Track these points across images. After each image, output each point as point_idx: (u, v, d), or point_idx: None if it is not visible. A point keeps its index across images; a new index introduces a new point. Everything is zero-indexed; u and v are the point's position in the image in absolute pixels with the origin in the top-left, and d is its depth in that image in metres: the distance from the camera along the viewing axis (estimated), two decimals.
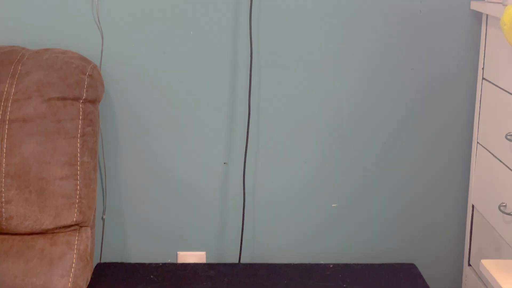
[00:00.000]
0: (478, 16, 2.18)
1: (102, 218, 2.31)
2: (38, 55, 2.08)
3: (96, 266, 2.22)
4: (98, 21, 2.18)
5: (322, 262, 2.30)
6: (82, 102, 2.05)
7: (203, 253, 2.36)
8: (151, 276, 2.16)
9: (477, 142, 2.20)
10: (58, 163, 2.00)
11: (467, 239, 2.28)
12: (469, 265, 2.27)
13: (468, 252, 2.27)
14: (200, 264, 2.27)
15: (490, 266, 1.64)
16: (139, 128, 2.27)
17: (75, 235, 2.02)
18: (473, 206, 2.24)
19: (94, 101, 2.09)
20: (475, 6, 2.15)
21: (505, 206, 1.96)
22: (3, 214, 1.96)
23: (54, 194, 1.98)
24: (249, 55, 2.21)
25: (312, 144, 2.29)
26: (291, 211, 2.34)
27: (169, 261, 2.34)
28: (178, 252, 2.35)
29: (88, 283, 2.07)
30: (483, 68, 2.16)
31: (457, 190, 2.32)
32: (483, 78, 2.16)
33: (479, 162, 2.19)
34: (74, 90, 2.03)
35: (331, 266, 2.25)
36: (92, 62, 2.12)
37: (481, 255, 2.15)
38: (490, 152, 2.09)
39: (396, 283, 2.15)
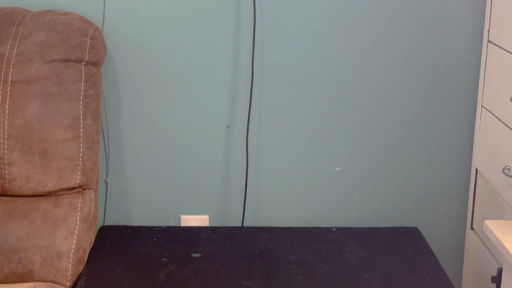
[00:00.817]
0: None
1: (105, 182, 2.31)
2: (39, 17, 2.06)
3: (99, 229, 2.23)
4: None
5: (325, 225, 2.31)
6: (84, 64, 2.03)
7: (206, 216, 2.36)
8: (154, 239, 2.17)
9: (482, 106, 2.19)
10: (61, 126, 1.99)
11: (470, 203, 2.28)
12: (472, 229, 2.27)
13: (471, 216, 2.28)
14: (203, 227, 2.27)
15: (494, 227, 1.64)
16: (142, 92, 2.26)
17: (78, 197, 2.02)
18: (476, 170, 2.23)
19: (96, 64, 2.08)
20: None
21: (509, 169, 1.95)
22: (6, 176, 1.96)
23: (57, 156, 1.98)
24: (253, 18, 2.19)
25: (316, 108, 2.28)
26: (294, 175, 2.33)
27: (172, 224, 2.35)
28: (181, 216, 2.36)
29: (91, 245, 2.08)
30: (488, 31, 2.14)
31: (461, 154, 2.32)
32: (488, 41, 2.14)
33: (483, 126, 2.18)
34: (76, 52, 2.02)
35: (334, 229, 2.26)
36: (94, 24, 2.11)
37: (484, 219, 2.15)
38: (494, 115, 2.08)
39: (398, 247, 2.15)
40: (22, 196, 1.99)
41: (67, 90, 2.00)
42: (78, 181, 2.01)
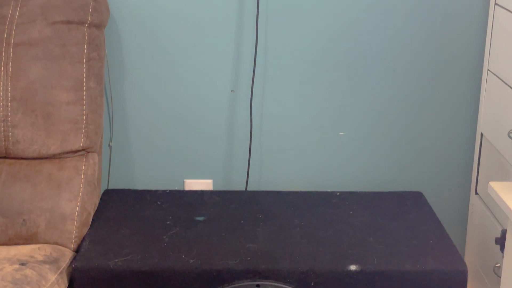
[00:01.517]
0: None
1: (109, 145, 2.31)
2: None
3: (103, 192, 2.23)
4: None
5: (329, 190, 2.30)
6: (87, 26, 2.02)
7: (210, 181, 2.36)
8: (158, 203, 2.17)
9: (488, 69, 2.17)
10: (64, 88, 1.98)
11: (475, 167, 2.27)
12: (476, 193, 2.27)
13: (475, 181, 2.27)
14: (207, 191, 2.28)
15: (498, 188, 1.64)
16: (145, 55, 2.24)
17: (82, 160, 2.02)
18: (481, 134, 2.22)
19: (99, 26, 2.06)
20: None
21: None
22: (10, 138, 1.96)
23: (61, 119, 1.98)
24: None
25: (320, 72, 2.27)
26: (299, 140, 2.33)
27: (176, 188, 2.35)
28: (185, 180, 2.36)
29: (96, 208, 2.09)
30: None
31: (466, 118, 2.31)
32: (495, 4, 2.11)
33: (489, 90, 2.16)
34: (79, 13, 2.00)
35: (337, 194, 2.26)
36: None
37: (488, 190, 2.15)
38: (501, 79, 2.06)
39: (402, 211, 2.15)
40: (26, 158, 1.99)
41: (70, 52, 1.99)
42: (81, 144, 2.00)
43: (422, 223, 2.08)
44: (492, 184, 1.66)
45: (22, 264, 1.77)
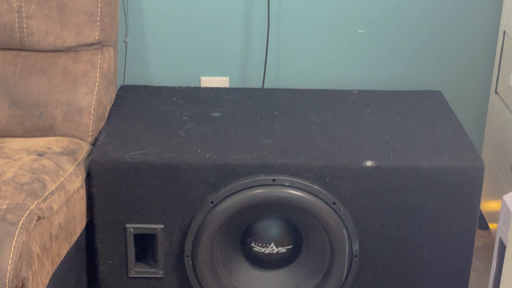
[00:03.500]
0: None
1: (125, 41, 2.28)
2: None
3: (119, 88, 2.22)
4: None
5: (346, 88, 2.28)
6: None
7: (226, 78, 2.34)
8: (174, 99, 2.16)
9: None
10: None
11: (496, 66, 2.23)
12: (496, 93, 2.24)
13: (496, 80, 2.23)
14: (224, 88, 2.26)
15: None
16: None
17: (97, 54, 2.00)
18: (504, 32, 2.17)
19: None
20: None
21: None
22: (25, 29, 1.94)
23: (75, 10, 1.95)
24: None
25: None
26: (317, 37, 2.29)
27: (192, 86, 2.33)
28: (201, 77, 2.34)
29: (112, 103, 2.08)
30: None
31: (488, 15, 2.25)
32: None
33: None
34: None
35: (355, 92, 2.23)
36: None
37: (510, 83, 2.11)
38: None
39: (420, 110, 2.13)
40: (41, 51, 1.97)
41: None
42: (96, 37, 1.98)
43: (440, 121, 2.06)
44: None
45: (40, 154, 1.78)
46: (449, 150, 1.90)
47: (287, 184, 1.84)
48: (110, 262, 1.91)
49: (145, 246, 1.93)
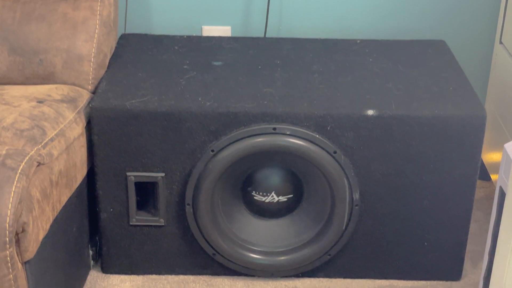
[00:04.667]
0: None
1: None
2: None
3: (120, 37, 2.20)
4: None
5: (349, 37, 2.26)
6: None
7: (228, 27, 2.32)
8: (176, 47, 2.14)
9: None
10: None
11: (501, 15, 2.20)
12: (501, 43, 2.21)
13: (500, 30, 2.20)
14: (225, 37, 2.24)
15: None
16: None
17: (97, 0, 1.98)
18: None
19: None
20: None
21: None
22: None
23: None
24: None
25: None
26: None
27: (193, 35, 2.31)
28: (202, 27, 2.32)
29: (112, 51, 2.07)
30: None
31: None
32: None
33: None
34: None
35: (358, 41, 2.21)
36: None
37: None
38: None
39: (424, 59, 2.11)
40: None
41: None
42: None
43: (443, 71, 2.04)
44: None
45: (40, 102, 1.77)
46: (452, 99, 1.89)
47: (288, 133, 1.84)
48: (111, 210, 1.92)
49: (146, 194, 1.94)
